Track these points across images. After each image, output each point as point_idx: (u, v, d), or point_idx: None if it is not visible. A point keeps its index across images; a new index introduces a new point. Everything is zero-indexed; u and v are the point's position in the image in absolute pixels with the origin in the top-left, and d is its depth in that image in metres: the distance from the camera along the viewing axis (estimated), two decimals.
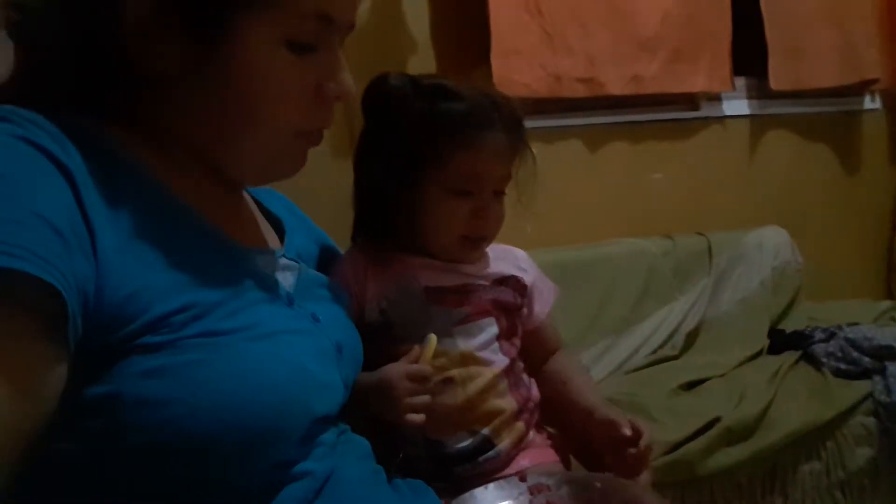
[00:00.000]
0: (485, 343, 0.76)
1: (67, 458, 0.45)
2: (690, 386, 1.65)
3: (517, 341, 0.81)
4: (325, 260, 0.80)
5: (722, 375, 1.70)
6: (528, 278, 0.83)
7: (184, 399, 0.46)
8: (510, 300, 0.80)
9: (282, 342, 0.54)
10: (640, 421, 0.74)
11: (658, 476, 1.32)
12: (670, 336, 1.94)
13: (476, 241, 0.77)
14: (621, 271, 1.95)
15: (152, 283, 0.48)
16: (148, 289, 0.47)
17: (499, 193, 0.77)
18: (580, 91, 2.08)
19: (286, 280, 0.64)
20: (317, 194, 0.93)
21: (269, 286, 0.59)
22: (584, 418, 0.78)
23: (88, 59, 0.54)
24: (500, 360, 0.77)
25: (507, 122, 0.75)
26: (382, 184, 0.76)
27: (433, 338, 0.69)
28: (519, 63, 1.94)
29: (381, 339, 0.74)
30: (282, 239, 0.72)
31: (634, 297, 1.94)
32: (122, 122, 0.56)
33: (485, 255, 0.82)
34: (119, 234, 0.48)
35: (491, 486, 0.66)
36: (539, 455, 0.78)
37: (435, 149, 0.73)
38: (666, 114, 2.28)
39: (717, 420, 1.40)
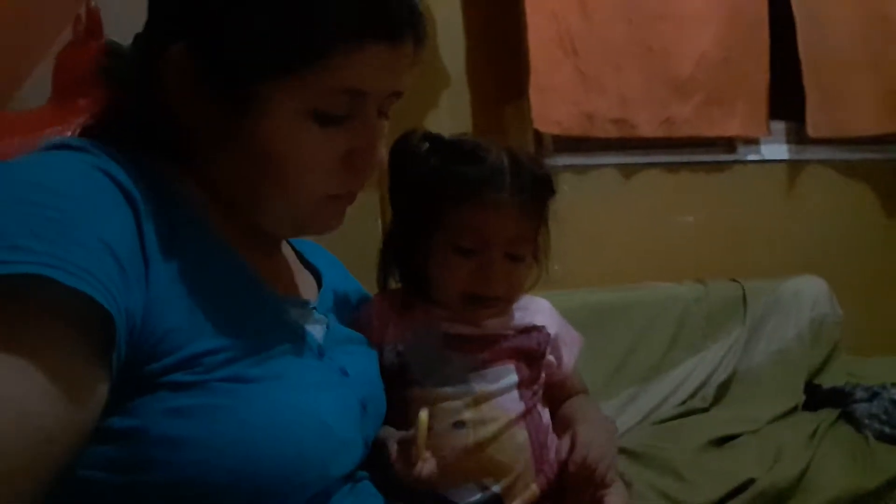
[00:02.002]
0: (503, 390, 0.74)
1: (84, 483, 0.45)
2: (721, 441, 1.57)
3: (539, 390, 0.78)
4: None
5: (755, 431, 1.62)
6: (552, 329, 0.81)
7: (204, 442, 0.46)
8: (533, 348, 0.78)
9: (307, 396, 0.54)
10: (580, 440, 0.71)
11: None
12: (700, 387, 1.86)
13: (480, 301, 0.75)
14: (651, 317, 1.89)
15: (191, 323, 0.49)
16: (186, 327, 0.48)
17: (512, 256, 0.75)
18: (612, 131, 2.07)
19: (317, 332, 0.64)
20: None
21: (301, 337, 0.60)
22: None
23: (154, 108, 0.57)
24: (518, 408, 0.74)
25: (522, 184, 0.74)
26: (399, 235, 0.79)
27: (424, 414, 0.66)
28: (553, 100, 1.94)
29: (396, 382, 0.73)
30: (319, 291, 0.73)
31: (664, 344, 1.88)
32: (182, 166, 0.59)
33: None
34: (169, 271, 0.49)
35: None
36: None
37: (440, 205, 0.74)
38: (701, 155, 2.24)
39: (750, 482, 1.33)
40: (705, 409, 1.79)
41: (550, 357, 0.80)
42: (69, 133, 1.20)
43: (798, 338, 1.99)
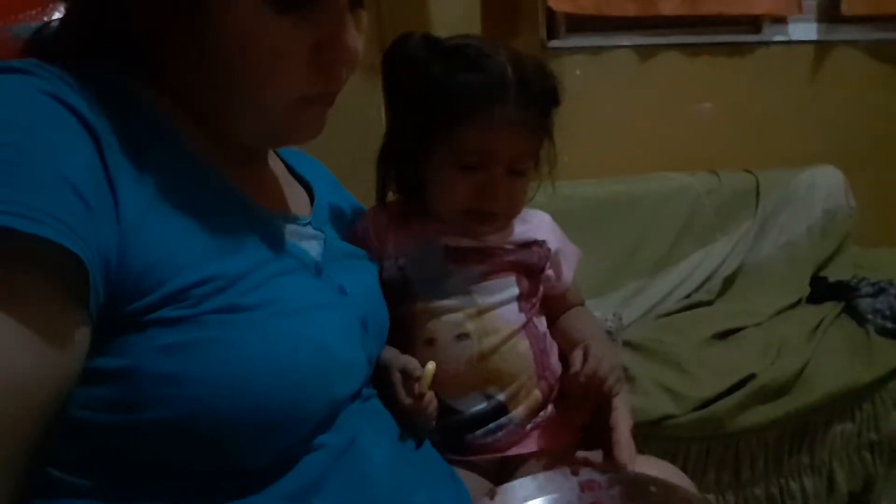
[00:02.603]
0: (504, 301, 0.75)
1: (82, 425, 0.44)
2: (724, 335, 1.58)
3: (537, 303, 0.79)
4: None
5: (758, 325, 1.63)
6: (553, 243, 0.80)
7: (201, 378, 0.45)
8: (534, 261, 0.78)
9: (306, 319, 0.52)
10: (592, 353, 0.70)
11: (686, 431, 1.31)
12: (706, 280, 1.85)
13: (483, 217, 0.74)
14: (661, 209, 1.85)
15: (174, 253, 0.46)
16: (169, 259, 0.45)
17: (515, 172, 0.73)
18: (629, 9, 1.94)
19: (313, 249, 0.61)
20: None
21: (296, 255, 0.57)
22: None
23: (109, 14, 0.52)
24: (520, 319, 0.75)
25: (528, 98, 0.70)
26: (396, 146, 0.75)
27: (431, 365, 0.66)
28: None
29: (398, 297, 0.73)
30: (312, 205, 0.69)
31: (672, 236, 1.85)
32: (152, 82, 0.54)
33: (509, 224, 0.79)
34: (142, 198, 0.46)
35: (540, 475, 0.65)
36: (554, 436, 0.75)
37: (442, 119, 0.70)
38: (723, 36, 2.10)
39: (751, 377, 1.35)
40: (710, 303, 1.80)
41: (549, 271, 0.80)
42: (45, 19, 1.10)
43: (808, 231, 1.96)
